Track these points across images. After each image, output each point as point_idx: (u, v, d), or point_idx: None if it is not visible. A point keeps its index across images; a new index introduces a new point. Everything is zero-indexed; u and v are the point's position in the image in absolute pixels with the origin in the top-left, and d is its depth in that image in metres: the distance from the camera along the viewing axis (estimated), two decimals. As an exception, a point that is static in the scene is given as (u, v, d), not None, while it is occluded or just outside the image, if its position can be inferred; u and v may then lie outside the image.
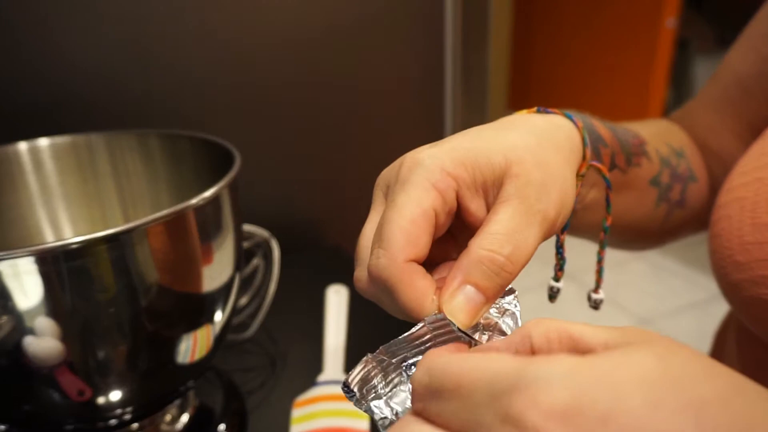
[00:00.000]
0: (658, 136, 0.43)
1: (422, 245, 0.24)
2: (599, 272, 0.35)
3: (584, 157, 0.30)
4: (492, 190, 0.25)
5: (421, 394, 0.19)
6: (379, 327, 0.58)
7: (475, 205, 0.25)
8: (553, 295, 0.34)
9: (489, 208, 0.26)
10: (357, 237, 0.27)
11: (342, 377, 0.50)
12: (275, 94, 0.68)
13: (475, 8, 0.74)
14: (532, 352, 0.19)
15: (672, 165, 0.41)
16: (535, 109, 0.31)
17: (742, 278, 0.32)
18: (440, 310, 0.23)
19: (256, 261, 0.56)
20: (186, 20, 0.61)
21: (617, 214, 0.38)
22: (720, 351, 0.43)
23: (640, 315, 1.93)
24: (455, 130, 0.78)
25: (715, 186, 0.45)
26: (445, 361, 0.19)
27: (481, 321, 0.24)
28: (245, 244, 0.54)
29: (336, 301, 0.60)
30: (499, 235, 0.23)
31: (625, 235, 0.42)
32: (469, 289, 0.23)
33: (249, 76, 0.66)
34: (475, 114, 0.79)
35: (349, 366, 0.52)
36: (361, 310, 0.60)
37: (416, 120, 0.77)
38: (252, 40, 0.64)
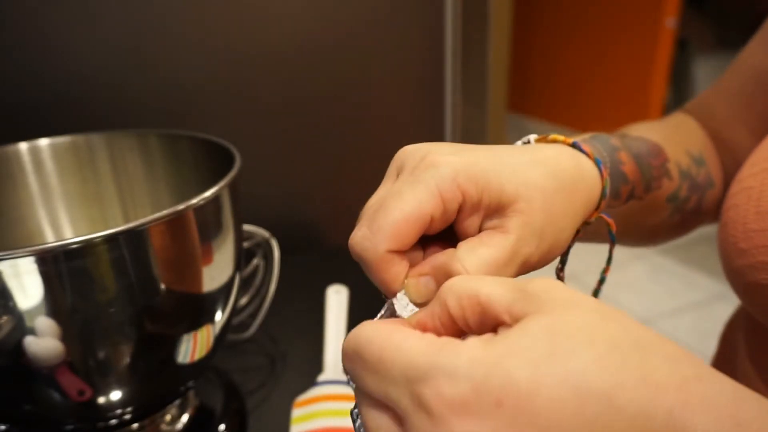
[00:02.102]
0: (679, 143, 0.41)
1: (407, 243, 0.25)
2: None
3: (598, 207, 0.30)
4: (492, 214, 0.26)
5: (348, 357, 0.22)
6: (379, 327, 0.58)
7: (469, 222, 0.26)
8: None
9: (481, 226, 0.26)
10: None
11: (342, 377, 0.50)
12: (275, 94, 0.68)
13: (475, 8, 0.74)
14: (451, 320, 0.22)
15: (692, 176, 0.40)
16: (571, 141, 0.31)
17: (744, 264, 0.33)
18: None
19: (256, 261, 0.56)
20: (186, 20, 0.61)
21: (626, 230, 0.38)
22: (728, 351, 0.43)
23: (640, 315, 1.93)
24: (455, 130, 0.78)
25: (727, 180, 0.45)
26: (372, 332, 0.21)
27: None
28: (245, 244, 0.54)
29: (336, 301, 0.60)
30: (482, 262, 0.25)
31: (630, 242, 0.43)
32: (431, 280, 0.25)
33: (249, 77, 0.66)
34: (475, 114, 0.79)
35: (349, 366, 0.52)
36: (361, 310, 0.60)
37: (416, 120, 0.77)
38: (252, 41, 0.64)
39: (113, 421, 0.37)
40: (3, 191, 0.46)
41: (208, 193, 0.35)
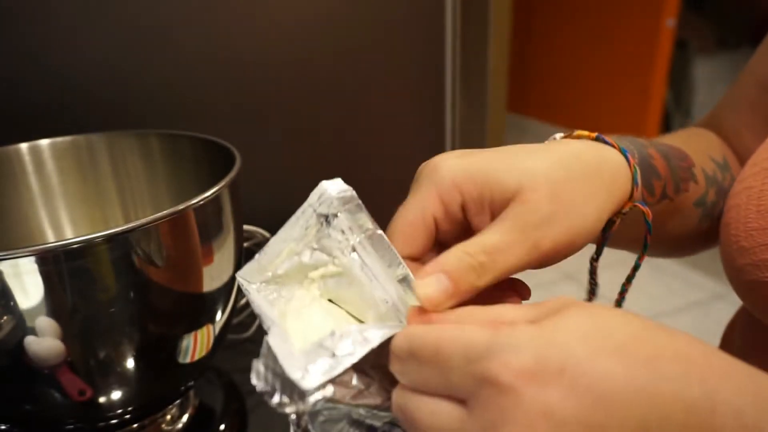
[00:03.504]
0: (702, 151, 0.41)
1: (417, 245, 0.27)
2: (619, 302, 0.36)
3: (631, 196, 0.30)
4: (499, 209, 0.26)
5: (401, 358, 0.23)
6: (379, 327, 0.58)
7: (478, 220, 0.27)
8: None
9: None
10: None
11: (342, 377, 0.50)
12: (275, 94, 0.68)
13: (475, 8, 0.74)
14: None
15: (718, 181, 0.40)
16: (594, 135, 0.31)
17: (745, 263, 0.33)
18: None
19: (256, 261, 0.56)
20: (187, 21, 0.61)
21: (661, 237, 0.38)
22: (729, 351, 0.44)
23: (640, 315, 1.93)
24: (455, 130, 0.78)
25: None
26: (424, 330, 0.22)
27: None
28: (245, 244, 0.54)
29: (336, 301, 0.60)
30: (480, 245, 0.25)
31: (661, 251, 0.43)
32: (442, 276, 0.25)
33: (249, 77, 0.66)
34: (475, 114, 0.79)
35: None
36: (361, 310, 0.60)
37: (416, 120, 0.77)
38: (253, 41, 0.64)
39: (113, 421, 0.37)
40: (3, 191, 0.46)
41: (208, 193, 0.35)
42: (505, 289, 0.29)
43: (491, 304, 0.25)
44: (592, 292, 0.35)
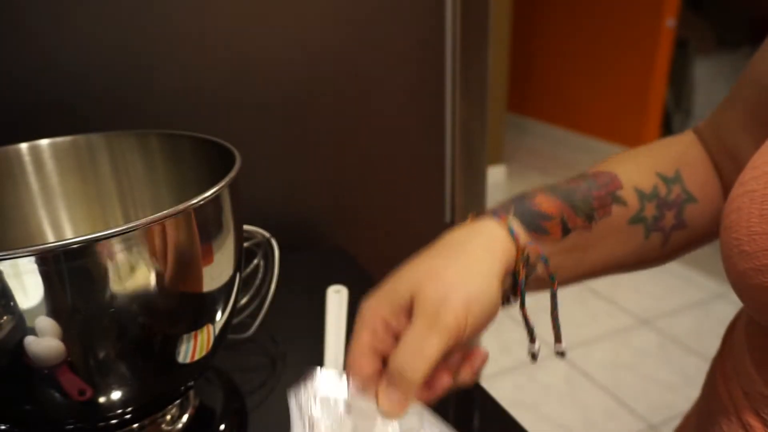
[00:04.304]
0: (648, 166, 0.45)
1: (372, 368, 0.33)
2: (555, 326, 0.39)
3: (518, 246, 0.36)
4: (410, 310, 0.33)
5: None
6: (379, 327, 0.58)
7: (402, 326, 0.33)
8: (534, 356, 0.39)
9: None
10: (357, 237, 0.30)
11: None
12: (275, 94, 0.68)
13: (475, 8, 0.74)
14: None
15: (659, 196, 0.44)
16: (473, 215, 0.38)
17: (748, 267, 0.33)
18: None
19: (256, 261, 0.56)
20: (186, 20, 0.61)
21: (604, 259, 0.43)
22: (729, 352, 0.44)
23: (640, 315, 1.93)
24: (455, 130, 0.78)
25: (728, 190, 0.45)
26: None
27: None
28: (245, 244, 0.54)
29: (336, 301, 0.60)
30: (404, 348, 0.32)
31: (623, 269, 0.46)
32: (391, 391, 0.32)
33: (249, 77, 0.66)
34: (475, 114, 0.79)
35: (349, 366, 0.52)
36: (361, 310, 0.60)
37: (416, 120, 0.77)
38: (252, 40, 0.64)
39: (113, 421, 0.37)
40: (3, 191, 0.46)
41: (208, 193, 0.35)
42: (465, 357, 0.35)
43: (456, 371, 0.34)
44: (531, 335, 0.39)
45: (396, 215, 0.80)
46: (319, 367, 0.34)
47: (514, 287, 0.38)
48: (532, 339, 0.38)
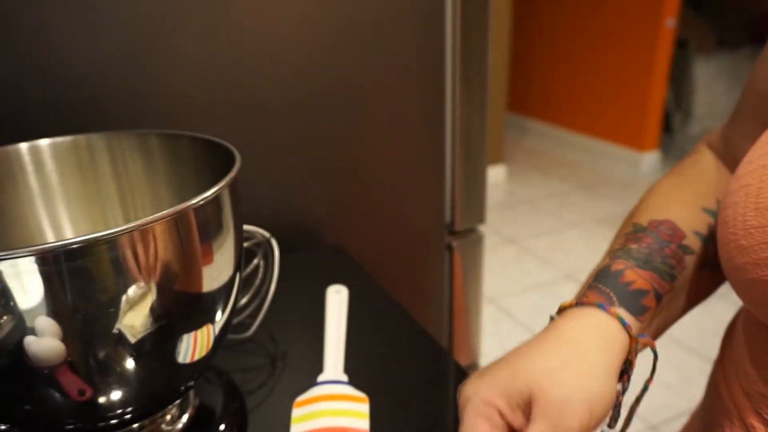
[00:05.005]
0: (694, 206, 0.44)
1: None
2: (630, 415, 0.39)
3: (631, 337, 0.36)
4: (527, 408, 0.33)
5: None
6: (379, 327, 0.58)
7: (518, 421, 0.33)
8: None
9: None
10: (357, 237, 0.29)
11: (342, 377, 0.50)
12: (275, 94, 0.68)
13: (475, 8, 0.74)
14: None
15: (714, 233, 0.43)
16: (574, 301, 0.37)
17: (744, 261, 0.33)
18: None
19: (256, 261, 0.56)
20: (186, 20, 0.61)
21: (684, 306, 0.43)
22: (730, 352, 0.44)
23: (640, 315, 1.92)
24: (455, 130, 0.78)
25: None
26: None
27: None
28: (245, 244, 0.54)
29: (336, 301, 0.60)
30: None
31: (693, 308, 0.46)
32: None
33: (249, 77, 0.66)
34: (475, 114, 0.79)
35: (349, 365, 0.52)
36: (361, 310, 0.60)
37: (416, 120, 0.77)
38: (252, 40, 0.64)
39: (113, 421, 0.37)
40: (3, 191, 0.46)
41: (208, 193, 0.35)
42: None
43: None
44: (614, 418, 0.38)
45: (396, 215, 0.80)
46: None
47: (620, 378, 0.37)
48: (612, 424, 0.38)
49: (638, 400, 0.38)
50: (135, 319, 0.33)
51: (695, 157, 0.49)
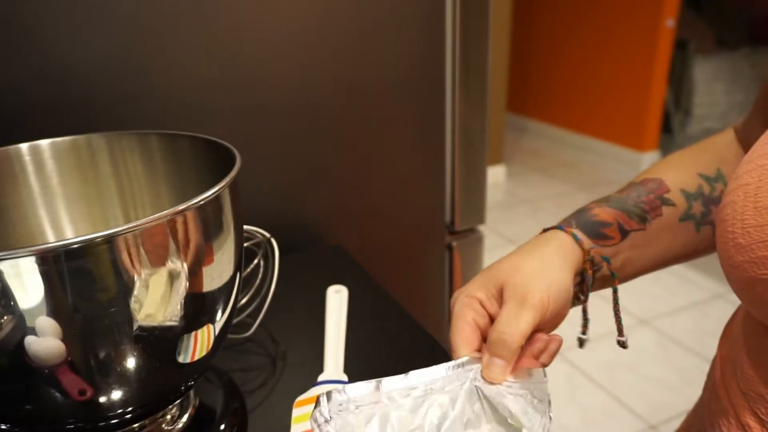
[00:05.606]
0: (690, 171, 0.49)
1: (475, 343, 0.40)
2: (618, 320, 0.46)
3: (583, 249, 0.43)
4: (500, 296, 0.41)
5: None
6: (379, 327, 0.58)
7: (494, 308, 0.41)
8: (581, 343, 0.48)
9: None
10: (357, 237, 0.29)
11: (342, 377, 0.50)
12: (275, 94, 0.68)
13: (474, 8, 0.74)
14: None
15: (704, 194, 0.48)
16: (555, 226, 0.45)
17: (742, 260, 0.33)
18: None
19: (256, 261, 0.56)
20: (186, 20, 0.61)
21: (662, 253, 0.48)
22: (728, 351, 0.44)
23: (640, 315, 1.93)
24: (455, 130, 0.78)
25: None
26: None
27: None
28: (245, 244, 0.54)
29: (336, 301, 0.60)
30: (502, 321, 0.38)
31: (680, 260, 0.51)
32: (494, 359, 0.38)
33: (249, 77, 0.66)
34: (475, 114, 0.79)
35: (349, 365, 0.52)
36: (361, 310, 0.60)
37: (416, 120, 0.77)
38: (252, 41, 0.64)
39: (114, 421, 0.37)
40: (4, 191, 0.46)
41: (208, 193, 0.35)
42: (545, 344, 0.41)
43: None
44: (585, 325, 0.46)
45: (396, 215, 0.80)
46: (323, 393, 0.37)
47: (581, 285, 0.44)
48: (583, 329, 0.46)
49: (616, 301, 0.46)
50: (135, 319, 0.33)
51: (716, 135, 0.52)
